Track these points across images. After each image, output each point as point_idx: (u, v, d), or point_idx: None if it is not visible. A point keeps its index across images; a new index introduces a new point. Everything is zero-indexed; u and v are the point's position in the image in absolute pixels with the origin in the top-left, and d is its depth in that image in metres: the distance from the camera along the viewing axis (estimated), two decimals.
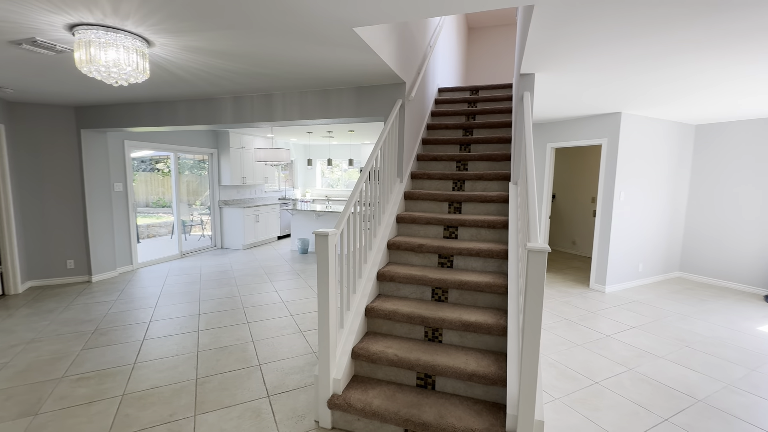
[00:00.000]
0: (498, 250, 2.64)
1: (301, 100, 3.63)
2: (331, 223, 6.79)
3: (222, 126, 4.05)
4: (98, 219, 4.92)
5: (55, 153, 4.59)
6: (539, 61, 2.59)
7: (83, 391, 2.44)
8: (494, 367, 2.07)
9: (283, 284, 4.87)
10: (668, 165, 5.07)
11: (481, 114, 4.20)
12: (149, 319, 3.65)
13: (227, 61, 2.71)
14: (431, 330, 2.40)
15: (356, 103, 3.45)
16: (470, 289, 2.49)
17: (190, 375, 2.65)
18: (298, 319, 3.70)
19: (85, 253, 4.85)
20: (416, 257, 2.89)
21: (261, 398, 2.40)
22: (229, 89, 3.59)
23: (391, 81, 3.23)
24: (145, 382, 2.56)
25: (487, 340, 2.28)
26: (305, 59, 2.67)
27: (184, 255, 6.52)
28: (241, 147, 7.30)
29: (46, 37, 2.27)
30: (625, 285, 4.90)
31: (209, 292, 4.50)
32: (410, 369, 2.17)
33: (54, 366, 2.76)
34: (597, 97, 3.71)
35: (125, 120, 4.39)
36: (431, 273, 2.64)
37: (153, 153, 9.47)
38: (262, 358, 2.90)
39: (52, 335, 3.27)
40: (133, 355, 2.93)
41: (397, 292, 2.71)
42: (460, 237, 3.01)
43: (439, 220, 3.01)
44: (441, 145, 3.92)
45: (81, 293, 4.40)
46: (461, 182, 3.44)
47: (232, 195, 7.49)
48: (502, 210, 3.12)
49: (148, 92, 3.77)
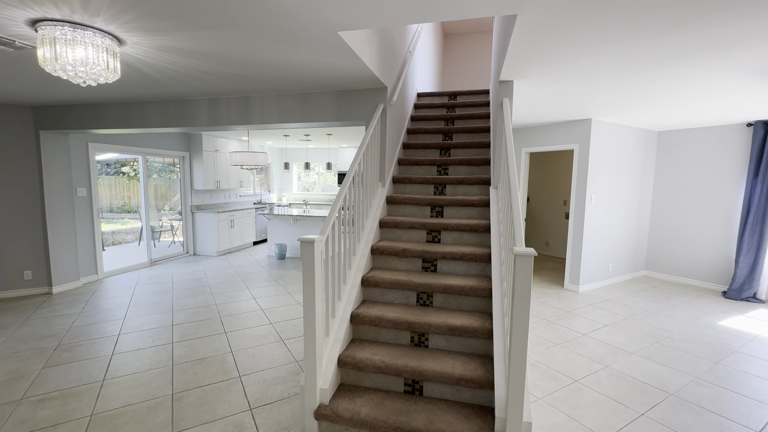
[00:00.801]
0: (481, 254, 2.67)
1: (280, 104, 3.56)
2: (309, 227, 6.69)
3: (196, 129, 3.90)
4: (59, 226, 4.62)
5: (8, 156, 4.27)
6: (518, 69, 2.66)
7: (46, 413, 2.27)
8: (481, 371, 2.09)
9: (261, 291, 4.74)
10: (634, 169, 5.34)
11: (460, 119, 4.26)
12: (118, 332, 3.45)
13: (203, 62, 2.61)
14: (417, 335, 2.39)
15: (337, 107, 3.41)
16: (455, 293, 2.51)
17: (166, 390, 2.52)
18: (279, 327, 3.60)
19: (45, 263, 4.54)
20: (400, 262, 2.88)
21: (243, 412, 2.31)
22: (204, 91, 3.47)
23: (372, 85, 3.22)
24: (116, 400, 2.40)
25: (473, 344, 2.30)
26: (286, 62, 2.62)
27: (153, 263, 6.22)
28: (215, 150, 7.08)
29: (5, 32, 2.11)
30: (597, 284, 5.10)
31: (183, 302, 4.31)
32: (398, 375, 2.15)
33: (12, 387, 2.55)
34: (570, 103, 3.85)
35: (90, 121, 4.15)
36: (416, 277, 2.64)
37: (119, 156, 9.03)
38: (243, 370, 2.80)
39: (8, 353, 3.02)
40: (101, 372, 2.75)
41: (382, 298, 2.69)
42: (443, 241, 3.03)
43: (422, 224, 3.02)
44: (421, 150, 3.95)
45: (40, 306, 4.11)
46: (442, 186, 3.47)
47: (205, 199, 7.24)
48: (483, 214, 3.17)
49: (116, 92, 3.58)
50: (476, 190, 3.39)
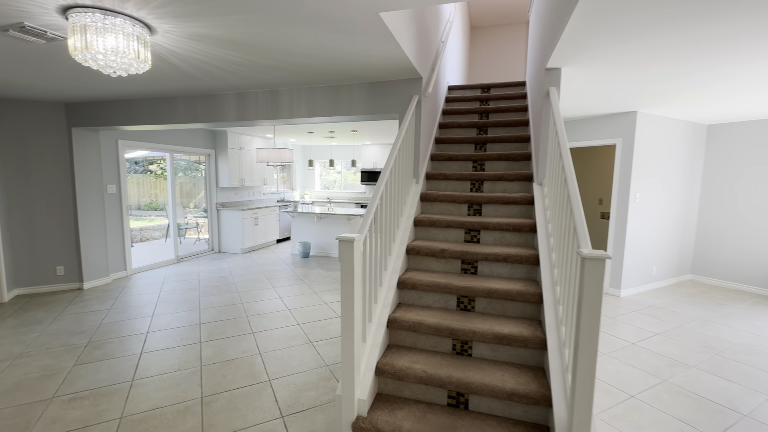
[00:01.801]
0: (527, 255, 2.46)
1: (309, 97, 3.43)
2: (333, 226, 6.59)
3: (224, 124, 3.83)
4: (90, 222, 4.66)
5: (43, 152, 4.33)
6: (571, 53, 2.43)
7: (77, 414, 2.21)
8: (534, 385, 1.89)
9: (286, 290, 4.65)
10: (681, 166, 4.97)
11: (495, 112, 4.04)
12: (147, 330, 3.41)
13: (234, 51, 2.50)
14: (460, 343, 2.21)
15: (369, 100, 3.26)
16: (500, 298, 2.31)
17: (195, 393, 2.43)
18: (307, 328, 3.49)
19: (76, 259, 4.59)
20: (437, 263, 2.70)
21: (275, 419, 2.19)
22: (233, 84, 3.38)
23: (407, 76, 3.05)
24: (145, 402, 2.33)
25: (522, 354, 2.10)
26: (320, 49, 2.48)
27: (180, 260, 6.26)
28: (240, 147, 7.07)
29: (36, 22, 2.05)
30: (640, 289, 4.76)
31: (209, 300, 4.26)
32: (441, 387, 1.98)
33: (44, 384, 2.52)
34: (616, 94, 3.57)
35: (120, 117, 4.15)
36: (456, 280, 2.46)
37: (147, 153, 9.18)
38: (272, 373, 2.69)
39: (41, 349, 3.02)
40: (130, 371, 2.70)
41: (419, 301, 2.52)
42: (483, 241, 2.83)
43: (460, 223, 2.83)
44: (455, 145, 3.75)
45: (72, 302, 4.14)
46: (480, 183, 3.26)
47: (229, 197, 7.25)
48: (526, 212, 2.95)
49: (145, 87, 3.54)
50: (517, 186, 3.17)
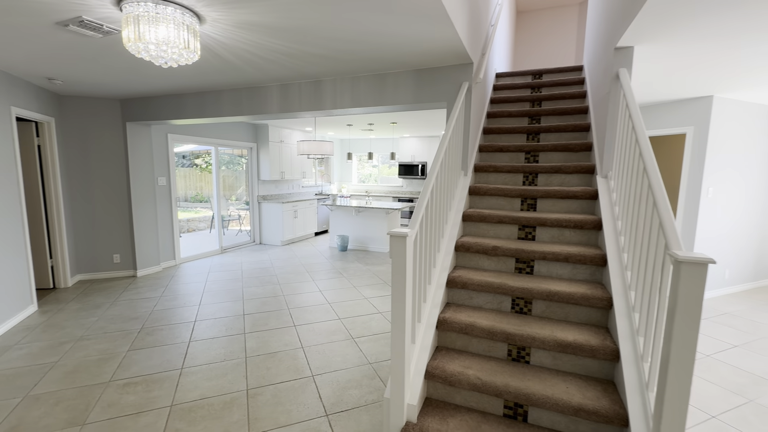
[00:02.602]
0: (591, 255, 2.23)
1: (353, 87, 3.33)
2: (371, 219, 6.52)
3: (268, 116, 3.83)
4: (143, 214, 4.88)
5: (102, 146, 4.56)
6: (650, 28, 2.15)
7: (131, 399, 2.28)
8: (605, 401, 1.69)
9: (326, 284, 4.64)
10: (762, 157, 4.40)
11: (548, 100, 3.75)
12: (194, 319, 3.50)
13: (280, 39, 2.44)
14: (516, 348, 2.04)
15: (415, 88, 3.11)
16: (561, 301, 2.11)
17: (240, 385, 2.44)
18: (348, 323, 3.43)
19: (131, 248, 4.83)
20: (488, 261, 2.52)
21: (319, 417, 2.13)
22: (277, 76, 3.35)
23: (457, 61, 2.86)
24: (194, 392, 2.36)
25: (589, 365, 1.90)
26: (368, 35, 2.36)
27: (224, 250, 6.46)
28: (280, 141, 7.16)
29: (93, 15, 2.08)
30: (710, 294, 4.30)
31: (252, 291, 4.33)
32: (497, 396, 1.82)
33: (101, 368, 2.63)
34: (691, 76, 3.18)
35: (170, 112, 4.27)
36: (511, 280, 2.27)
37: (194, 147, 9.56)
38: (315, 368, 2.65)
39: (99, 333, 3.17)
40: (179, 359, 2.76)
41: (469, 301, 2.36)
42: (539, 238, 2.61)
43: (514, 218, 2.63)
44: (505, 135, 3.52)
45: (127, 288, 4.36)
46: (534, 176, 3.03)
47: (270, 190, 7.38)
48: (587, 207, 2.69)
49: (193, 81, 3.60)
50: (576, 179, 2.91)
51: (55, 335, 3.12)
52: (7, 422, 2.06)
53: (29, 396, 2.29)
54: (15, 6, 1.98)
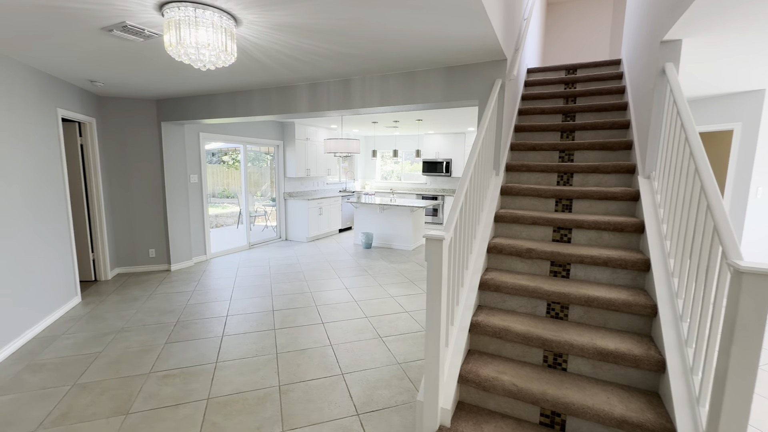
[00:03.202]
0: (633, 260, 2.14)
1: (382, 85, 3.32)
2: (396, 217, 6.50)
3: (297, 115, 3.87)
4: (176, 210, 5.06)
5: (138, 145, 4.75)
6: (704, 19, 2.02)
7: (170, 391, 2.36)
8: (650, 414, 1.61)
9: (352, 281, 4.67)
10: None
11: (584, 96, 3.61)
12: (226, 314, 3.60)
13: (314, 40, 2.45)
14: (553, 355, 1.98)
15: (446, 86, 3.06)
16: (600, 307, 2.03)
17: (272, 381, 2.49)
18: (375, 322, 3.44)
19: (165, 243, 5.01)
20: (522, 263, 2.46)
21: (350, 416, 2.15)
22: (307, 75, 3.37)
23: (491, 57, 2.80)
24: (228, 386, 2.43)
25: (631, 375, 1.82)
26: (402, 34, 2.33)
27: (252, 246, 6.61)
28: (306, 138, 7.24)
29: (136, 20, 2.15)
30: None
31: (280, 287, 4.41)
32: (533, 404, 1.78)
33: (142, 359, 2.75)
34: (743, 69, 2.98)
35: (202, 111, 4.39)
36: (546, 284, 2.21)
37: (222, 145, 9.80)
38: (344, 366, 2.67)
39: (138, 325, 3.31)
40: (213, 353, 2.85)
41: (502, 305, 2.32)
42: (575, 241, 2.53)
43: (548, 220, 2.55)
44: (538, 133, 3.42)
45: (162, 282, 4.53)
46: (569, 175, 2.93)
47: (296, 187, 7.48)
48: (626, 209, 2.58)
49: (225, 81, 3.68)
50: (614, 179, 2.79)
51: (98, 326, 3.28)
52: (58, 409, 2.18)
53: (77, 384, 2.42)
54: (66, 14, 2.07)
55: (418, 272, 5.07)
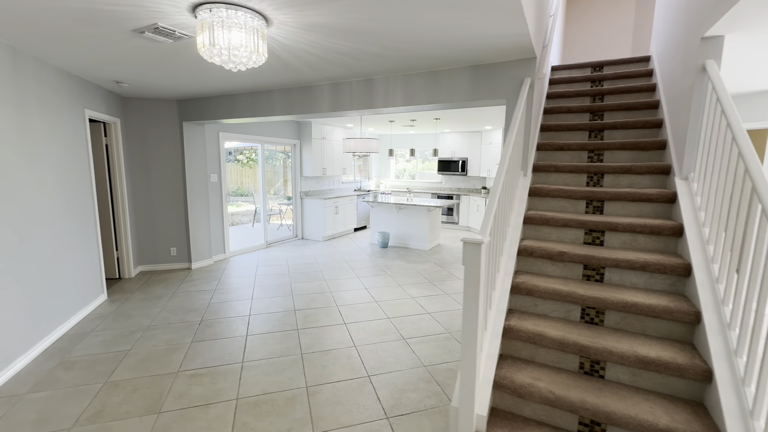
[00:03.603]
0: (673, 265, 2.07)
1: (405, 85, 3.28)
2: (413, 216, 6.46)
3: (318, 115, 3.86)
4: (197, 209, 5.11)
5: (160, 145, 4.80)
6: (751, 14, 1.93)
7: (199, 391, 2.38)
8: (698, 425, 1.56)
9: (370, 281, 4.65)
10: None
11: (612, 94, 3.52)
12: (248, 313, 3.62)
13: (342, 40, 2.43)
14: (589, 362, 1.93)
15: (472, 85, 3.01)
16: (639, 313, 1.97)
17: (299, 382, 2.49)
18: (397, 323, 3.42)
19: (186, 242, 5.07)
20: (553, 267, 2.41)
21: (379, 419, 2.13)
22: (330, 75, 3.36)
23: (519, 56, 2.74)
24: (256, 386, 2.43)
25: (674, 384, 1.76)
26: (434, 33, 2.29)
27: (269, 245, 6.65)
28: (322, 137, 7.24)
29: (168, 22, 2.16)
30: None
31: (300, 286, 4.42)
32: (572, 412, 1.74)
33: (169, 357, 2.78)
34: None
35: (224, 111, 4.41)
36: (581, 288, 2.15)
37: (238, 144, 9.87)
38: (370, 368, 2.66)
39: (164, 323, 3.35)
40: (239, 352, 2.86)
41: (534, 309, 2.27)
42: (608, 244, 2.46)
43: (580, 222, 2.49)
44: (564, 132, 3.34)
45: (183, 280, 4.58)
46: (599, 176, 2.85)
47: (312, 186, 7.50)
48: (662, 212, 2.50)
49: (247, 82, 3.69)
50: (648, 180, 2.71)
51: (125, 324, 3.33)
52: (92, 407, 2.22)
53: (108, 382, 2.46)
54: (99, 16, 2.09)
55: (436, 273, 5.03)
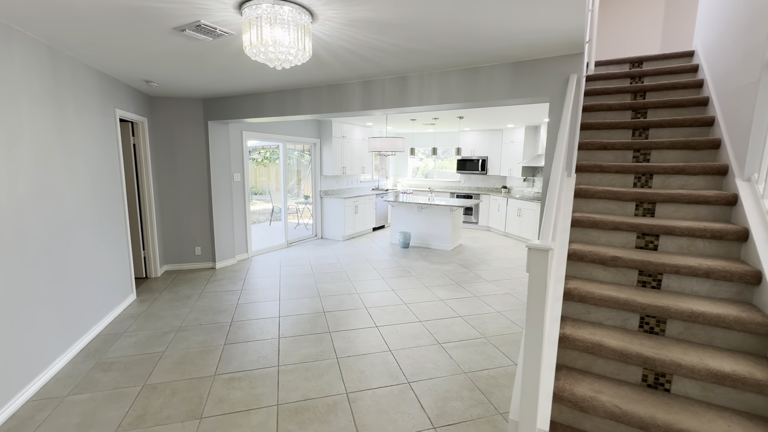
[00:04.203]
0: (741, 272, 1.95)
1: (441, 82, 3.19)
2: (435, 216, 6.37)
3: (348, 114, 3.79)
4: (221, 208, 5.10)
5: (186, 144, 4.80)
6: None
7: (238, 395, 2.34)
8: None
9: (396, 282, 4.58)
10: None
11: (654, 91, 3.38)
12: (278, 314, 3.58)
13: (386, 36, 2.35)
14: (654, 374, 1.83)
15: (513, 82, 2.91)
16: (706, 323, 1.86)
17: (339, 387, 2.43)
18: (430, 327, 3.34)
19: (210, 241, 5.07)
20: (605, 272, 2.30)
21: (426, 430, 2.06)
22: (362, 72, 3.28)
23: (567, 51, 2.63)
24: (295, 392, 2.38)
25: (750, 401, 1.65)
26: (485, 28, 2.20)
27: (289, 244, 6.63)
28: (342, 136, 7.18)
29: (211, 19, 2.11)
30: None
31: (326, 287, 4.38)
32: (640, 429, 1.64)
33: (204, 360, 2.75)
34: None
35: (250, 110, 4.38)
36: (638, 296, 2.05)
37: (256, 143, 9.87)
38: (409, 374, 2.59)
39: (195, 324, 3.33)
40: (274, 355, 2.82)
41: (587, 316, 2.17)
42: (662, 248, 2.34)
43: (633, 225, 2.37)
44: (605, 131, 3.21)
45: (209, 280, 4.58)
46: (647, 177, 2.73)
47: (331, 185, 7.46)
48: (720, 215, 2.37)
49: (276, 80, 3.64)
50: (702, 182, 2.58)
51: (157, 324, 3.32)
52: (133, 410, 2.19)
53: (147, 385, 2.43)
54: (140, 13, 2.05)
55: (462, 274, 4.94)
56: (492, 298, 4.05)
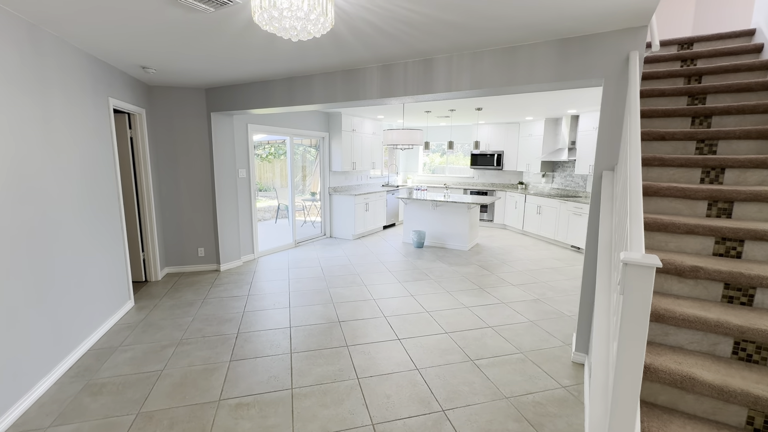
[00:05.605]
0: None
1: (473, 64, 2.82)
2: (450, 215, 6.00)
3: (365, 102, 3.43)
4: (225, 207, 4.77)
5: (187, 138, 4.46)
6: None
7: (247, 426, 2.01)
8: None
9: (414, 287, 4.23)
10: None
11: (712, 74, 2.99)
12: (288, 324, 3.25)
13: (418, 4, 1.98)
14: (763, 417, 1.47)
15: (559, 61, 2.53)
16: None
17: (363, 417, 2.09)
18: (458, 339, 3.00)
19: (214, 242, 4.74)
20: (680, 284, 1.94)
21: None
22: (383, 54, 2.92)
23: (627, 24, 2.25)
24: (314, 422, 2.05)
25: None
26: None
27: (297, 244, 6.29)
28: (352, 130, 6.82)
29: None
30: None
31: (339, 292, 4.04)
32: None
33: (208, 381, 2.42)
34: None
35: (256, 100, 4.02)
36: (730, 315, 1.68)
37: (261, 138, 9.51)
38: (442, 400, 2.24)
39: (197, 336, 3.01)
40: (286, 375, 2.48)
41: (664, 339, 1.81)
42: (747, 256, 1.97)
43: (710, 229, 2.00)
44: (658, 119, 2.83)
45: (213, 284, 4.25)
46: (718, 171, 2.35)
47: (340, 181, 7.10)
48: None
49: (287, 65, 3.28)
50: None
51: (155, 336, 3.00)
52: None
53: (142, 413, 2.11)
54: None
55: (484, 277, 4.58)
56: (521, 305, 3.70)
